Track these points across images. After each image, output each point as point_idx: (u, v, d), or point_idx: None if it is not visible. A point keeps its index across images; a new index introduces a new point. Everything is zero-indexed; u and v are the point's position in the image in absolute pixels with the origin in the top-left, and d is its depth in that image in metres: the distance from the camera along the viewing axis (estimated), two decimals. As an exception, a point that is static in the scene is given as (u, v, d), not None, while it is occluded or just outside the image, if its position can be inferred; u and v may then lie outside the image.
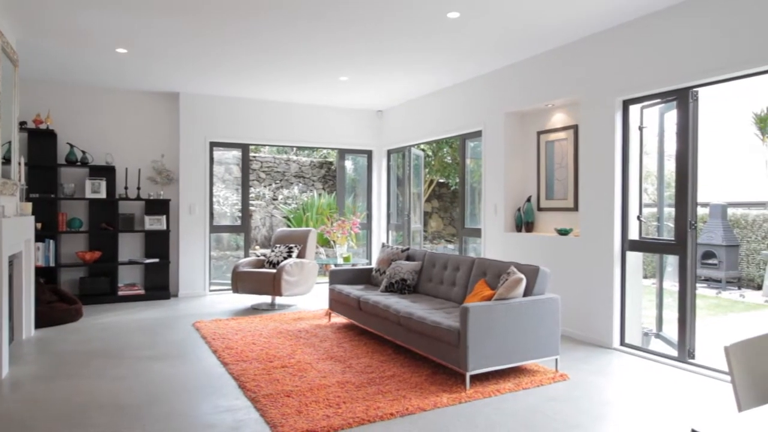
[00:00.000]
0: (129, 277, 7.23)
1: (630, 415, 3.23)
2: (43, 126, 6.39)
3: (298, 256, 6.66)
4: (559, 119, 5.61)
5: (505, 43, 5.12)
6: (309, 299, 7.04)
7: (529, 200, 5.85)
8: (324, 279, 8.37)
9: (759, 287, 8.60)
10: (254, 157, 11.26)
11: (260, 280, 6.21)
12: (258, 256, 7.16)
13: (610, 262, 4.70)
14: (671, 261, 5.04)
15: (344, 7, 4.22)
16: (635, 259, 4.78)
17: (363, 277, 5.77)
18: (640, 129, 4.69)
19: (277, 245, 6.81)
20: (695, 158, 4.16)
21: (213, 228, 7.67)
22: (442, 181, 12.77)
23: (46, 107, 6.66)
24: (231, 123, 7.61)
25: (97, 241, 6.91)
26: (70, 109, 6.91)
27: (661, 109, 4.55)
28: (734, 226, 9.04)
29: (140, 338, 5.03)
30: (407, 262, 5.29)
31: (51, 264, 6.46)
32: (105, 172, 6.93)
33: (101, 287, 6.77)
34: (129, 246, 7.21)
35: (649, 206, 5.75)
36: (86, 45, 5.23)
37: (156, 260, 7.13)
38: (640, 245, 4.65)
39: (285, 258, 6.59)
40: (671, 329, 4.53)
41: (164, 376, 3.92)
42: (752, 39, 3.64)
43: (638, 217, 4.70)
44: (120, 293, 6.84)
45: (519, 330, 3.80)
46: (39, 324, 5.37)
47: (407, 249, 5.58)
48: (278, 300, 6.86)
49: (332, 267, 6.60)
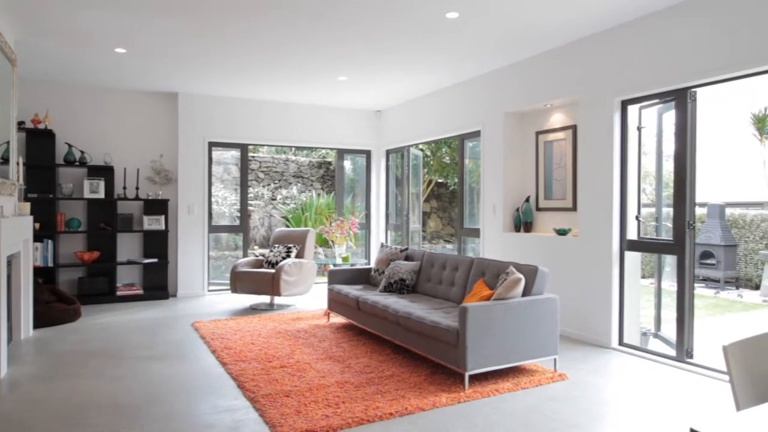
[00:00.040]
0: (127, 277, 7.22)
1: (629, 415, 3.23)
2: (42, 126, 6.39)
3: (297, 256, 6.66)
4: (558, 119, 5.61)
5: (505, 43, 5.12)
6: (308, 299, 7.04)
7: (528, 200, 5.85)
8: (323, 279, 8.38)
9: (757, 287, 8.61)
10: (253, 157, 11.25)
11: (259, 280, 6.21)
12: (257, 256, 7.16)
13: (609, 262, 4.70)
14: (669, 261, 5.05)
15: (344, 7, 4.22)
16: (634, 259, 4.79)
17: (362, 277, 5.77)
18: (639, 129, 4.70)
19: (276, 245, 6.81)
20: (693, 158, 4.17)
21: (212, 228, 7.66)
22: (441, 181, 12.77)
23: (45, 107, 6.65)
24: (230, 123, 7.61)
25: (96, 241, 6.91)
26: (69, 109, 6.90)
27: (660, 110, 4.55)
28: (732, 226, 9.05)
29: (139, 338, 5.03)
30: (406, 262, 5.30)
31: (49, 264, 6.46)
32: (103, 172, 6.92)
33: (100, 287, 6.76)
34: (127, 246, 7.21)
35: (648, 206, 5.75)
36: (85, 45, 5.23)
37: (155, 260, 7.13)
38: (639, 245, 4.66)
39: (284, 258, 6.59)
40: (670, 329, 4.54)
41: (163, 376, 3.91)
42: (752, 39, 3.64)
43: (637, 217, 4.70)
44: (118, 293, 6.84)
45: (518, 330, 3.81)
46: (37, 324, 5.37)
47: (406, 249, 5.58)
48: (277, 300, 6.86)
49: (331, 267, 6.60)
